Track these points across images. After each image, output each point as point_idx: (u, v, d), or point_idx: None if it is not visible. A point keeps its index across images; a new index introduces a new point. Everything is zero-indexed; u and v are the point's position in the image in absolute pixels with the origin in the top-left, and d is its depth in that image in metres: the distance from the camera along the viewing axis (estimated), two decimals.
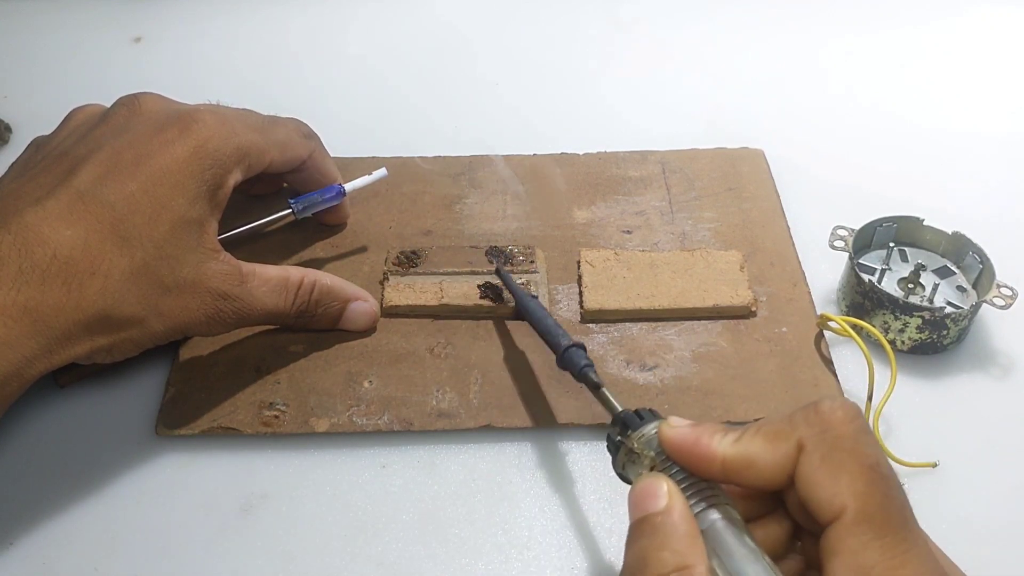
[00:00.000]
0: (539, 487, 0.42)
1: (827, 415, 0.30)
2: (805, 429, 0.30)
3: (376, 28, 0.72)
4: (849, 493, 0.28)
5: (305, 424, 0.44)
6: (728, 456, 0.31)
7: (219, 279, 0.41)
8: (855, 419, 0.30)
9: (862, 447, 0.29)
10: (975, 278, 0.48)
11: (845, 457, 0.29)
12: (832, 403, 0.30)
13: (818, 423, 0.30)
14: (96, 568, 0.40)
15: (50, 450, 0.44)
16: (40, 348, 0.37)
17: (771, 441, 0.30)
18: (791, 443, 0.30)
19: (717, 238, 0.52)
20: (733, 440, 0.31)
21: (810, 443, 0.30)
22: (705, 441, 0.31)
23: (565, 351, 0.41)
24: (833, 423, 0.30)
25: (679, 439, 0.32)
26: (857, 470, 0.29)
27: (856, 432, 0.29)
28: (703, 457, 0.31)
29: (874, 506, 0.28)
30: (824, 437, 0.29)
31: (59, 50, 0.70)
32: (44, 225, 0.37)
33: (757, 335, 0.47)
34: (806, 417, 0.30)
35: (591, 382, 0.39)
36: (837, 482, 0.29)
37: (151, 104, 0.43)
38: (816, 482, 0.29)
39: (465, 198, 0.55)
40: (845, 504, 0.28)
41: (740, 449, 0.31)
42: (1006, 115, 0.63)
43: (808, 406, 0.30)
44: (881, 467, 0.29)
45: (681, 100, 0.64)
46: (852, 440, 0.29)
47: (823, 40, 0.70)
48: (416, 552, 0.40)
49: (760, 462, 0.30)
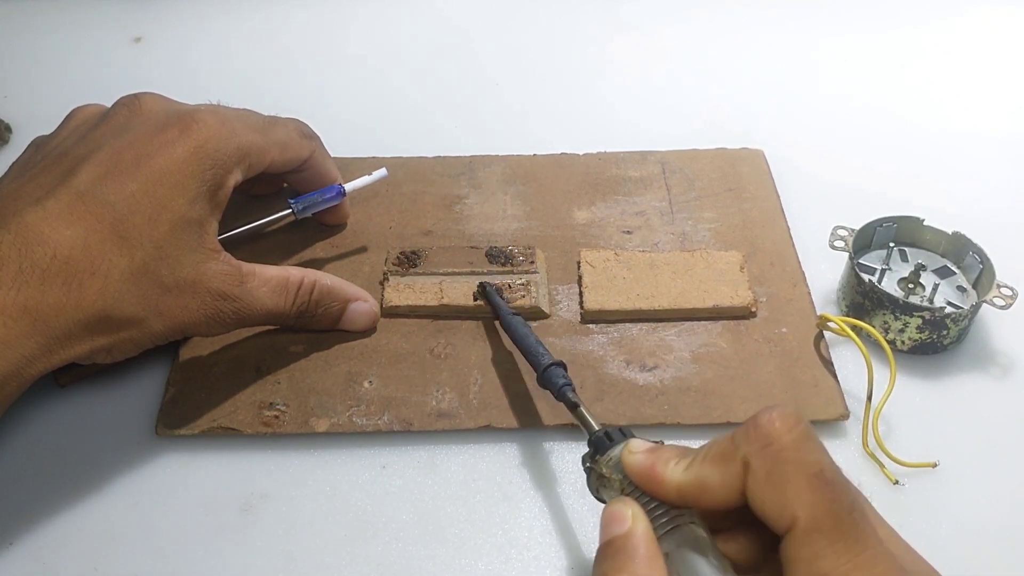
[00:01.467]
0: (539, 487, 0.42)
1: (766, 428, 0.30)
2: (747, 446, 0.30)
3: (376, 28, 0.72)
4: (796, 504, 0.28)
5: (305, 424, 0.44)
6: (681, 483, 0.31)
7: (219, 279, 0.41)
8: (794, 427, 0.30)
9: (804, 455, 0.29)
10: (975, 278, 0.48)
11: (788, 469, 0.29)
12: (770, 414, 0.30)
13: (758, 438, 0.30)
14: (96, 568, 0.40)
15: (50, 450, 0.44)
16: (40, 348, 0.37)
17: (718, 464, 0.31)
18: (736, 462, 0.30)
19: (717, 238, 0.52)
20: (685, 467, 0.31)
21: (754, 460, 0.30)
22: (659, 469, 0.32)
23: (545, 370, 0.41)
24: (773, 436, 0.29)
25: (636, 467, 0.33)
26: (801, 480, 0.29)
27: (796, 441, 0.29)
28: (658, 484, 0.32)
29: (822, 513, 0.28)
30: (766, 452, 0.29)
31: (59, 50, 0.70)
32: (44, 225, 0.37)
33: (757, 336, 0.47)
34: (746, 434, 0.30)
35: (568, 401, 0.39)
36: (783, 495, 0.29)
37: (151, 104, 0.43)
38: (764, 498, 0.29)
39: (465, 198, 0.55)
40: (795, 515, 0.28)
41: (691, 475, 0.31)
42: (1006, 115, 0.63)
43: (748, 421, 0.30)
44: (825, 473, 0.29)
45: (681, 100, 0.64)
46: (793, 450, 0.29)
47: (823, 40, 0.70)
48: (416, 552, 0.40)
49: (712, 486, 0.31)
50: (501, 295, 0.47)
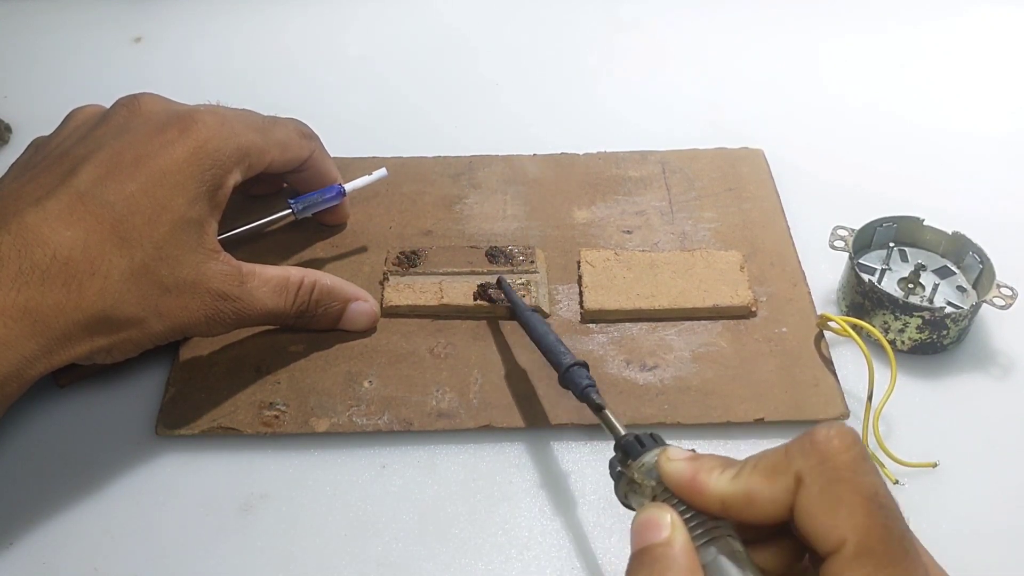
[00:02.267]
0: (539, 487, 0.42)
1: (823, 445, 0.29)
2: (802, 461, 0.29)
3: (376, 28, 0.72)
4: (848, 526, 0.28)
5: (305, 424, 0.44)
6: (727, 494, 0.30)
7: (219, 279, 0.41)
8: (852, 447, 0.29)
9: (860, 476, 0.28)
10: (975, 278, 0.48)
11: (843, 489, 0.28)
12: (828, 431, 0.29)
13: (815, 454, 0.29)
14: (96, 568, 0.40)
15: (50, 450, 0.44)
16: (40, 348, 0.37)
17: (769, 476, 0.30)
18: (789, 477, 0.29)
19: (717, 238, 0.52)
20: (731, 477, 0.30)
21: (808, 476, 0.29)
22: (703, 478, 0.31)
23: (567, 370, 0.40)
24: (830, 453, 0.29)
25: (676, 475, 0.32)
26: (856, 502, 0.28)
27: (854, 461, 0.29)
28: (700, 494, 0.31)
29: (875, 539, 0.27)
30: (822, 469, 0.29)
31: (59, 50, 0.70)
32: (44, 226, 0.37)
33: (757, 335, 0.47)
34: (802, 448, 0.29)
35: (593, 403, 0.38)
36: (836, 515, 0.28)
37: (151, 104, 0.43)
38: (815, 515, 0.28)
39: (465, 198, 0.55)
40: (845, 537, 0.27)
41: (739, 486, 0.30)
42: (1006, 115, 0.63)
43: (804, 436, 0.30)
44: (880, 496, 0.28)
45: (681, 100, 0.64)
46: (850, 470, 0.28)
47: (823, 40, 0.70)
48: (416, 552, 0.40)
49: (759, 498, 0.30)
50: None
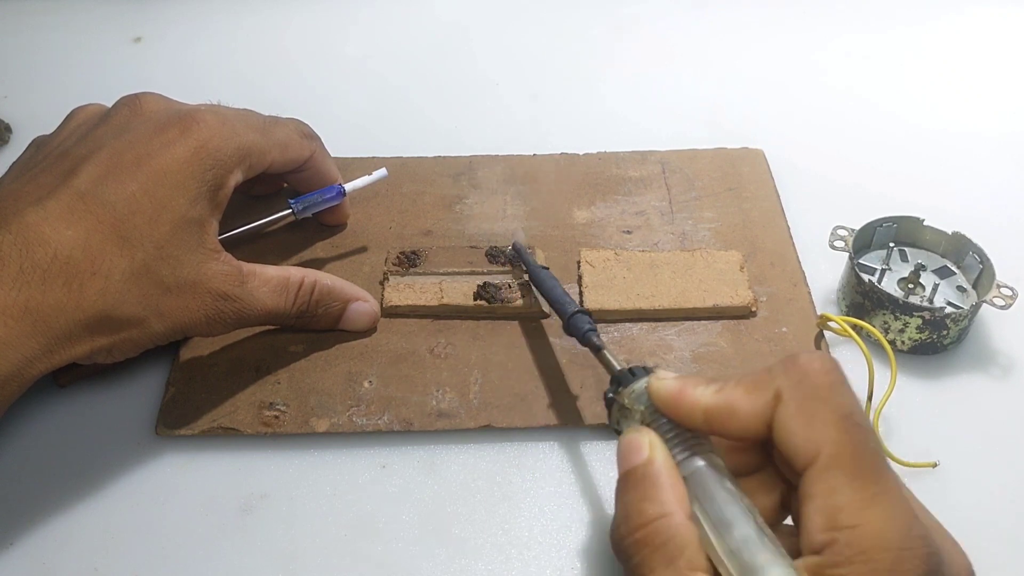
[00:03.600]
0: (539, 487, 0.42)
1: (805, 366, 0.31)
2: (783, 379, 0.31)
3: (376, 28, 0.72)
4: (822, 439, 0.29)
5: (305, 424, 0.44)
6: (710, 405, 0.32)
7: (219, 280, 0.41)
8: (831, 371, 0.31)
9: (837, 397, 0.30)
10: (975, 278, 0.48)
11: (820, 406, 0.30)
12: (810, 355, 0.31)
13: (796, 373, 0.31)
14: (96, 568, 0.40)
15: (50, 450, 0.44)
16: (40, 348, 0.37)
17: (750, 390, 0.31)
18: (770, 392, 0.31)
19: (717, 238, 0.52)
20: (715, 390, 0.32)
21: (787, 392, 0.31)
22: (689, 392, 0.33)
23: (571, 317, 0.42)
24: (810, 373, 0.31)
25: (664, 391, 0.33)
26: (831, 418, 0.30)
27: (832, 383, 0.30)
28: (687, 407, 0.33)
29: (846, 452, 0.29)
30: (800, 386, 0.30)
31: (59, 50, 0.70)
32: (45, 225, 0.37)
33: (757, 335, 0.47)
34: (784, 368, 0.31)
35: (593, 344, 0.40)
36: (811, 429, 0.30)
37: (152, 104, 0.43)
38: (791, 429, 0.30)
39: (465, 198, 0.55)
40: (818, 450, 0.29)
41: (721, 398, 0.32)
42: (1006, 115, 0.63)
43: (787, 357, 0.31)
44: (855, 415, 0.30)
45: (681, 100, 0.64)
46: (827, 390, 0.30)
47: (823, 40, 0.70)
48: (416, 552, 0.40)
49: (740, 411, 0.31)
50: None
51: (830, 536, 0.28)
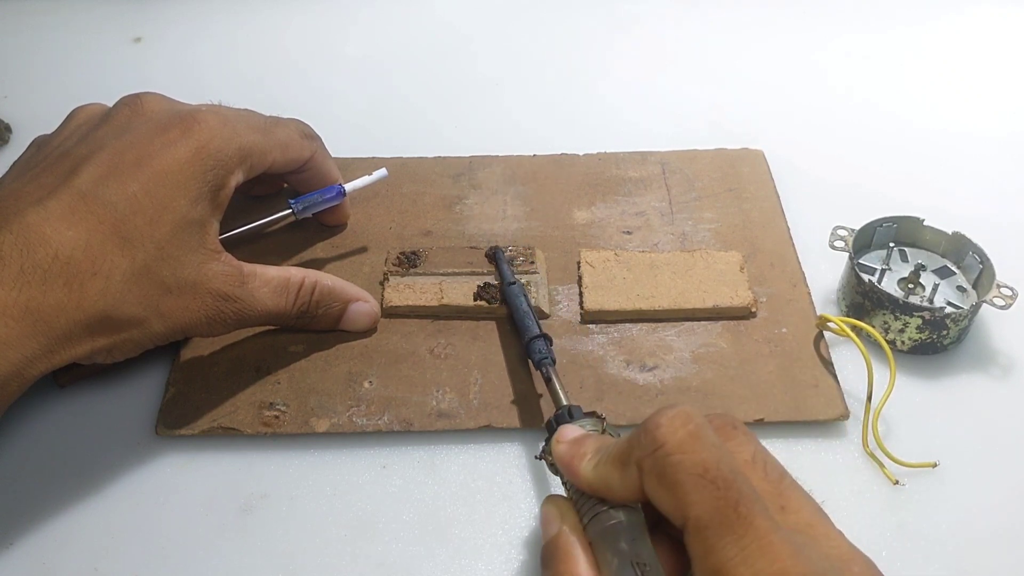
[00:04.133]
0: (539, 487, 0.42)
1: (654, 432, 0.30)
2: (639, 451, 0.31)
3: (376, 28, 0.72)
4: (685, 504, 0.29)
5: (305, 424, 0.44)
6: (590, 481, 0.33)
7: (220, 280, 0.41)
8: (680, 428, 0.30)
9: (689, 456, 0.30)
10: (975, 278, 0.48)
11: (674, 472, 0.30)
12: (659, 418, 0.31)
13: (649, 443, 0.31)
14: (96, 568, 0.40)
15: (50, 450, 0.44)
16: (41, 348, 0.37)
17: (618, 467, 0.32)
18: (632, 466, 0.31)
19: (717, 239, 0.52)
20: (593, 465, 0.33)
21: (645, 464, 0.31)
22: (576, 464, 0.34)
23: (529, 342, 0.43)
24: (659, 439, 0.30)
25: (559, 458, 0.35)
26: (686, 482, 0.29)
27: (682, 442, 0.30)
28: (575, 478, 0.34)
29: (708, 511, 0.29)
30: (655, 456, 0.30)
31: (59, 50, 0.70)
32: (45, 225, 0.37)
33: (757, 336, 0.47)
34: (639, 439, 0.31)
35: (544, 374, 0.42)
36: (672, 496, 0.30)
37: (153, 104, 0.43)
38: (658, 500, 0.30)
39: (465, 198, 0.55)
40: (685, 515, 0.29)
41: (598, 475, 0.33)
42: (1006, 115, 0.63)
43: (641, 426, 0.31)
44: (710, 472, 0.29)
45: (681, 100, 0.64)
46: (679, 452, 0.30)
47: (823, 40, 0.70)
48: (416, 552, 0.40)
49: (615, 487, 0.32)
50: (511, 263, 0.49)
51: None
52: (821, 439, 0.43)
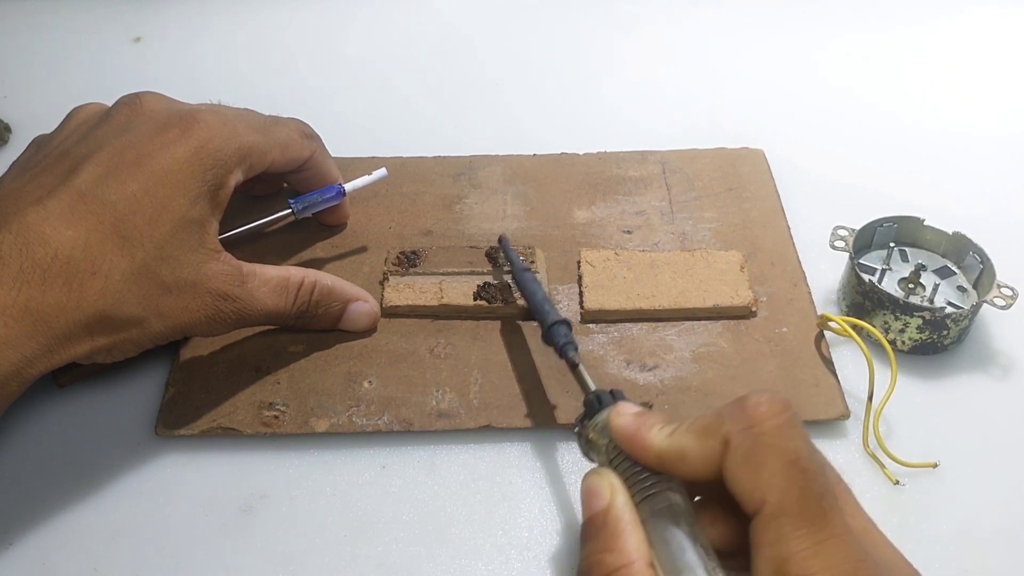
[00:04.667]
0: (539, 487, 0.42)
1: (751, 410, 0.31)
2: (731, 425, 0.31)
3: (376, 28, 0.72)
4: (768, 487, 0.29)
5: (305, 424, 0.44)
6: (662, 449, 0.32)
7: (219, 280, 0.41)
8: (780, 414, 0.30)
9: (784, 441, 0.30)
10: (975, 278, 0.48)
11: (766, 453, 0.30)
12: (758, 397, 0.31)
13: (743, 419, 0.30)
14: (96, 568, 0.40)
15: (50, 450, 0.44)
16: (40, 348, 0.36)
17: (700, 436, 0.31)
18: (718, 439, 0.31)
19: (717, 238, 0.52)
20: (668, 433, 0.32)
21: (735, 439, 0.30)
22: (643, 433, 0.33)
23: (549, 327, 0.41)
24: (757, 419, 0.30)
25: (621, 429, 0.34)
26: (776, 465, 0.29)
27: (779, 427, 0.30)
28: (640, 449, 0.33)
29: (790, 499, 0.29)
30: (748, 433, 0.30)
31: (59, 50, 0.70)
32: (45, 225, 0.37)
33: (757, 335, 0.47)
34: (732, 413, 0.31)
35: (569, 360, 0.40)
36: (757, 477, 0.29)
37: (153, 104, 0.43)
38: (738, 477, 0.30)
39: (465, 198, 0.55)
40: (764, 498, 0.29)
41: (673, 443, 0.32)
42: (1006, 115, 0.63)
43: (736, 401, 0.31)
44: (801, 461, 0.29)
45: (681, 100, 0.64)
46: (774, 435, 0.30)
47: (823, 40, 0.70)
48: (416, 552, 0.40)
49: (691, 457, 0.31)
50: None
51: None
52: (822, 439, 0.43)
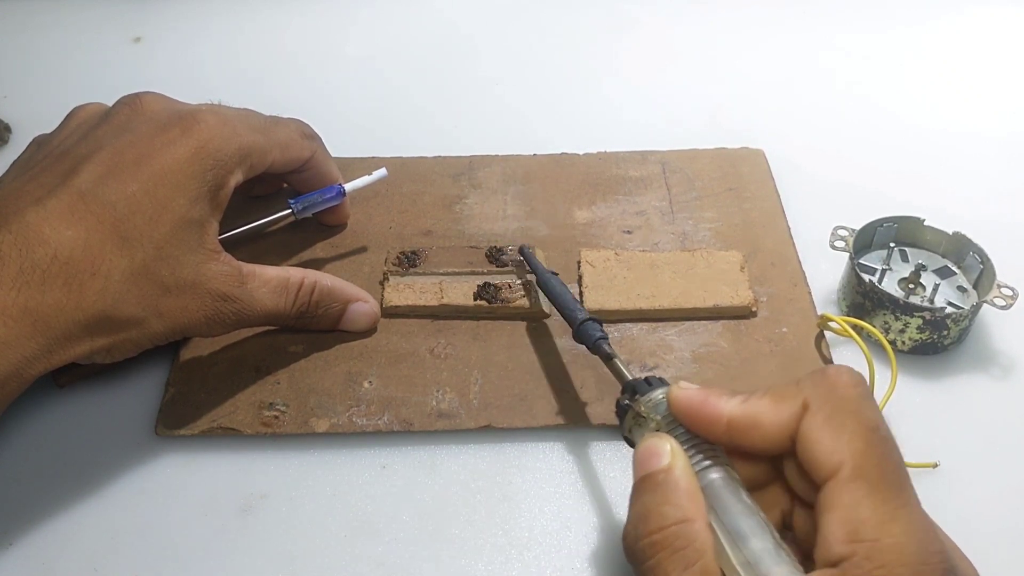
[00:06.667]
0: (539, 487, 0.42)
1: (833, 378, 0.31)
2: (811, 390, 0.31)
3: (376, 28, 0.72)
4: (848, 450, 0.29)
5: (305, 424, 0.44)
6: (735, 416, 0.32)
7: (219, 280, 0.41)
8: (859, 384, 0.31)
9: (864, 410, 0.30)
10: (976, 278, 0.48)
11: (847, 417, 0.30)
12: (838, 368, 0.32)
13: (824, 385, 0.31)
14: (96, 568, 0.40)
15: (50, 450, 0.44)
16: (40, 348, 0.36)
17: (777, 402, 0.32)
18: (797, 403, 0.31)
19: (717, 238, 0.52)
20: (740, 401, 0.32)
21: (815, 403, 0.31)
22: (713, 401, 0.33)
23: (581, 324, 0.42)
24: (838, 386, 0.31)
25: (687, 400, 0.33)
26: (858, 429, 0.30)
27: (859, 396, 0.31)
28: (710, 417, 0.33)
29: (871, 464, 0.29)
30: (829, 397, 0.31)
31: (59, 50, 0.70)
32: (45, 225, 0.37)
33: (757, 335, 0.47)
34: (813, 380, 0.32)
35: (604, 353, 0.40)
36: (837, 439, 0.30)
37: (153, 104, 0.43)
38: (817, 439, 0.30)
39: (465, 198, 0.55)
40: (843, 460, 0.29)
41: (747, 409, 0.32)
42: (1006, 115, 0.63)
43: (815, 371, 0.32)
44: (881, 430, 0.30)
45: (681, 100, 0.64)
46: (855, 402, 0.31)
47: (823, 40, 0.70)
48: (416, 552, 0.40)
49: (765, 422, 0.32)
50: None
51: (850, 548, 0.28)
52: None
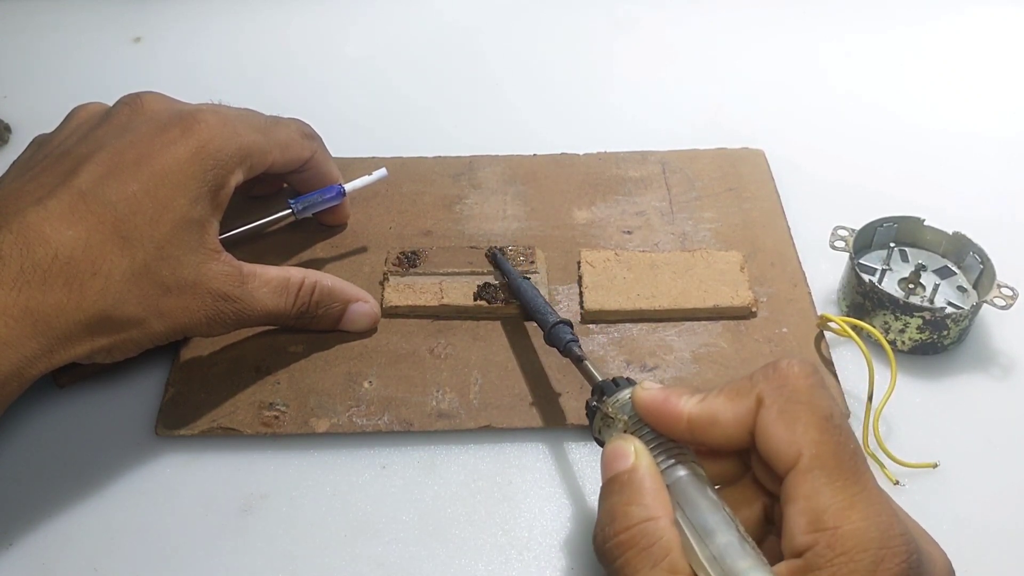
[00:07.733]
0: (539, 487, 0.42)
1: (784, 371, 0.32)
2: (764, 384, 0.32)
3: (377, 28, 0.72)
4: (803, 441, 0.30)
5: (305, 424, 0.44)
6: (693, 414, 0.33)
7: (220, 280, 0.41)
8: (811, 375, 0.32)
9: (817, 400, 0.31)
10: (976, 278, 0.48)
11: (800, 409, 0.31)
12: (789, 361, 0.32)
13: (776, 379, 0.32)
14: (96, 568, 0.40)
15: (50, 450, 0.44)
16: (41, 348, 0.37)
17: (733, 398, 0.32)
18: (751, 398, 0.32)
19: (717, 238, 0.52)
20: (698, 400, 0.33)
21: (768, 397, 0.31)
22: (673, 401, 0.33)
23: (552, 328, 0.42)
24: (789, 378, 0.31)
25: (650, 399, 0.34)
26: (811, 420, 0.30)
27: (811, 387, 0.31)
28: (671, 416, 0.33)
29: (826, 453, 0.30)
30: (781, 391, 0.31)
31: (59, 50, 0.70)
32: (45, 225, 0.37)
33: (757, 336, 0.47)
34: (765, 374, 0.32)
35: (574, 355, 0.41)
36: (792, 431, 0.30)
37: (153, 104, 0.43)
38: (773, 432, 0.31)
39: (465, 198, 0.55)
40: (800, 451, 0.30)
41: (704, 407, 0.33)
42: (1006, 115, 0.63)
43: (767, 365, 0.32)
44: (834, 417, 0.31)
45: (682, 100, 0.64)
46: (807, 393, 0.31)
47: (823, 40, 0.70)
48: (416, 552, 0.40)
49: (723, 419, 0.32)
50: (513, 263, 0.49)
51: (812, 538, 0.28)
52: None
